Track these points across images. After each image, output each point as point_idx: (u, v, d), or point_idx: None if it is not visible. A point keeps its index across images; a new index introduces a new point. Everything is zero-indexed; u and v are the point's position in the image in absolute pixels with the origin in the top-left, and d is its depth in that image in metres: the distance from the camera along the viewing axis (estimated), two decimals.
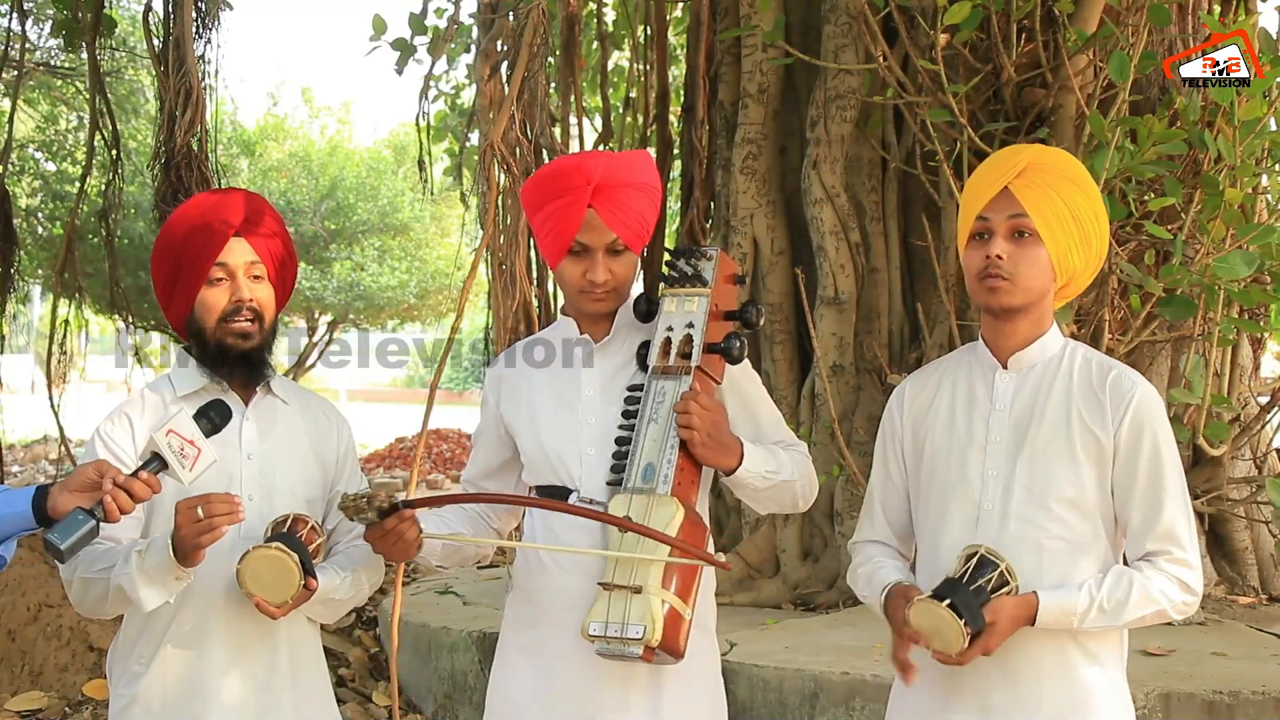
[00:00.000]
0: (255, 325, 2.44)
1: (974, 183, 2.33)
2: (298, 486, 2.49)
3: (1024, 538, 2.23)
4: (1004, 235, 2.24)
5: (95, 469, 2.13)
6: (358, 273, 18.22)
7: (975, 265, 2.27)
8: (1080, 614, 2.17)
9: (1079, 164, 2.34)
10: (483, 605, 5.25)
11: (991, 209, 2.25)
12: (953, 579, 2.16)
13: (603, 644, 2.18)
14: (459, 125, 8.70)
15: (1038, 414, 2.27)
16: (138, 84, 13.14)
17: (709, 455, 2.29)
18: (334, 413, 2.65)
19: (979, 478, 2.29)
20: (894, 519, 2.47)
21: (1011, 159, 2.28)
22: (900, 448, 2.44)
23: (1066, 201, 2.24)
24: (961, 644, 2.11)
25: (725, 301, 2.41)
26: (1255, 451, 5.40)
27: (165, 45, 5.17)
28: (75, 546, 2.06)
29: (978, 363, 2.38)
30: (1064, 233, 2.24)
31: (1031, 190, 2.24)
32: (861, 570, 2.44)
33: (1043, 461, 2.25)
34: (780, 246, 5.61)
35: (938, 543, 2.32)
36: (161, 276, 2.47)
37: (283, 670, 2.45)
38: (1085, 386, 2.27)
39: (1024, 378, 2.31)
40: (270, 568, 2.27)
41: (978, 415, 2.32)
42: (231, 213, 2.45)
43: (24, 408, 12.73)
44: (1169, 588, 2.20)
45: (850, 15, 5.26)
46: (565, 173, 2.37)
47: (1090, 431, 2.23)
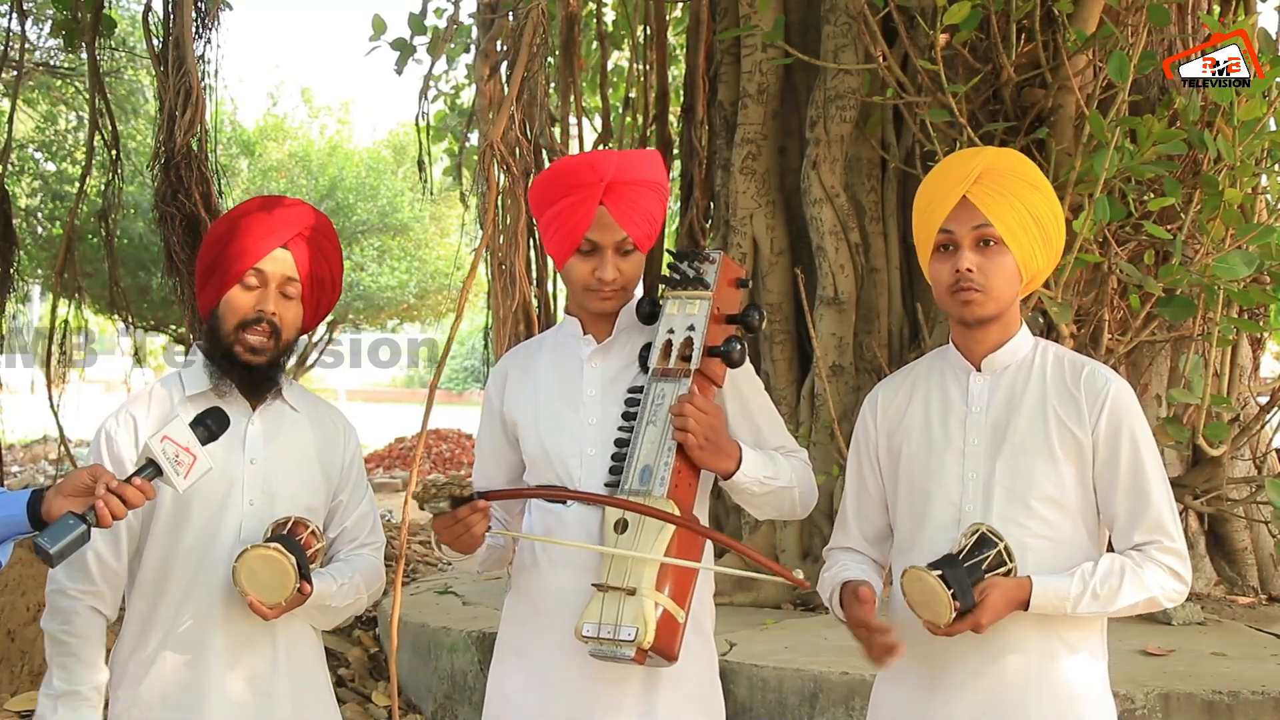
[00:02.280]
0: (270, 341, 2.41)
1: (930, 192, 2.32)
2: (300, 493, 2.48)
3: (1007, 538, 2.23)
4: (970, 246, 2.24)
5: (90, 474, 2.12)
6: (357, 273, 18.21)
7: (945, 279, 2.28)
8: (1074, 598, 2.18)
9: (1031, 164, 2.34)
10: (482, 605, 5.25)
11: (954, 220, 2.25)
12: (950, 554, 2.17)
13: (595, 645, 2.18)
14: (459, 125, 8.70)
15: (1014, 414, 2.28)
16: (137, 84, 13.14)
17: (705, 459, 2.29)
18: (343, 421, 2.64)
19: (958, 481, 2.30)
20: (867, 526, 2.48)
21: (965, 165, 2.28)
22: (875, 454, 2.44)
23: (1026, 205, 2.25)
24: (948, 616, 2.11)
25: (727, 305, 2.40)
26: (1255, 451, 5.40)
27: (165, 45, 5.16)
28: (65, 551, 2.04)
29: (950, 367, 2.39)
30: (1027, 236, 2.25)
31: (991, 197, 2.23)
32: (825, 576, 2.46)
33: (1022, 461, 2.26)
34: (780, 246, 5.61)
35: (915, 546, 2.33)
36: (205, 260, 2.45)
37: (282, 671, 2.45)
38: (1059, 385, 2.28)
39: (997, 379, 2.32)
40: (266, 568, 2.27)
41: (954, 419, 2.33)
42: (287, 225, 2.43)
43: (24, 408, 12.73)
44: (1161, 576, 2.22)
45: (850, 15, 5.26)
46: (577, 170, 2.36)
47: (1067, 429, 2.25)
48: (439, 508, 2.21)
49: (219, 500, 2.40)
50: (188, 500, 2.36)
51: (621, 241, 2.36)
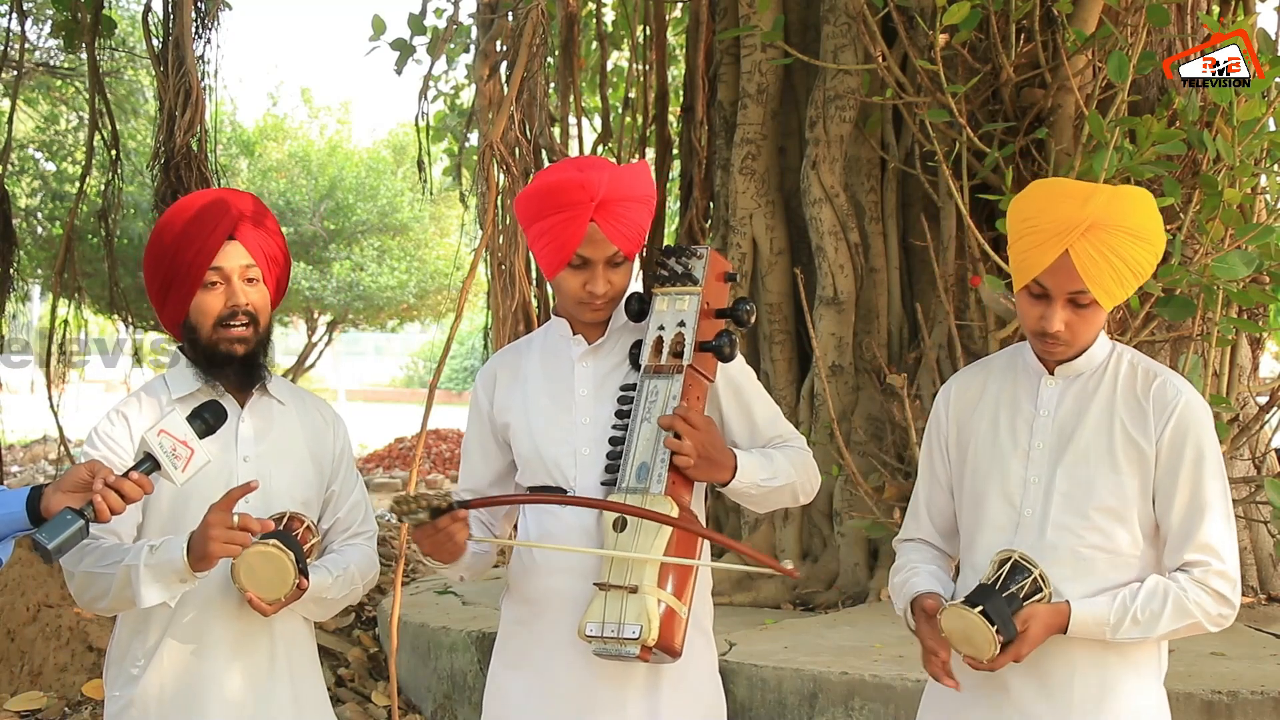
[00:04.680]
0: (251, 330, 2.44)
1: (1033, 223, 2.19)
2: (294, 487, 2.49)
3: (1060, 545, 2.22)
4: (1063, 303, 2.18)
5: (87, 469, 2.12)
6: (357, 273, 18.20)
7: (1032, 324, 2.23)
8: (1113, 624, 2.16)
9: (1143, 205, 2.20)
10: (482, 605, 5.24)
11: (1051, 276, 2.16)
12: (985, 585, 2.15)
13: (600, 644, 2.18)
14: (458, 125, 8.70)
15: (1081, 421, 2.25)
16: (137, 84, 13.13)
17: (700, 474, 2.30)
18: (330, 413, 2.65)
19: (1020, 483, 2.28)
20: (938, 517, 2.46)
21: (1076, 212, 2.14)
22: (945, 445, 2.42)
23: (1127, 262, 2.15)
24: (993, 651, 2.10)
25: (717, 299, 2.41)
26: (1254, 452, 5.40)
27: (165, 45, 5.16)
28: (63, 546, 2.05)
29: (1024, 367, 2.36)
30: (1122, 289, 2.18)
31: (1093, 260, 2.13)
32: (897, 579, 2.43)
33: (1084, 469, 2.23)
34: (779, 247, 5.61)
35: (975, 546, 2.32)
36: (156, 281, 2.46)
37: (280, 668, 2.45)
38: (1129, 393, 2.25)
39: (1069, 384, 2.29)
40: (266, 564, 2.27)
41: (1021, 421, 2.31)
42: (225, 215, 2.43)
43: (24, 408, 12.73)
44: (1204, 600, 2.17)
45: (849, 15, 5.26)
46: (567, 188, 2.33)
47: (1132, 439, 2.22)
48: (418, 519, 2.21)
49: (215, 498, 2.39)
50: (185, 499, 2.36)
51: (612, 255, 2.36)
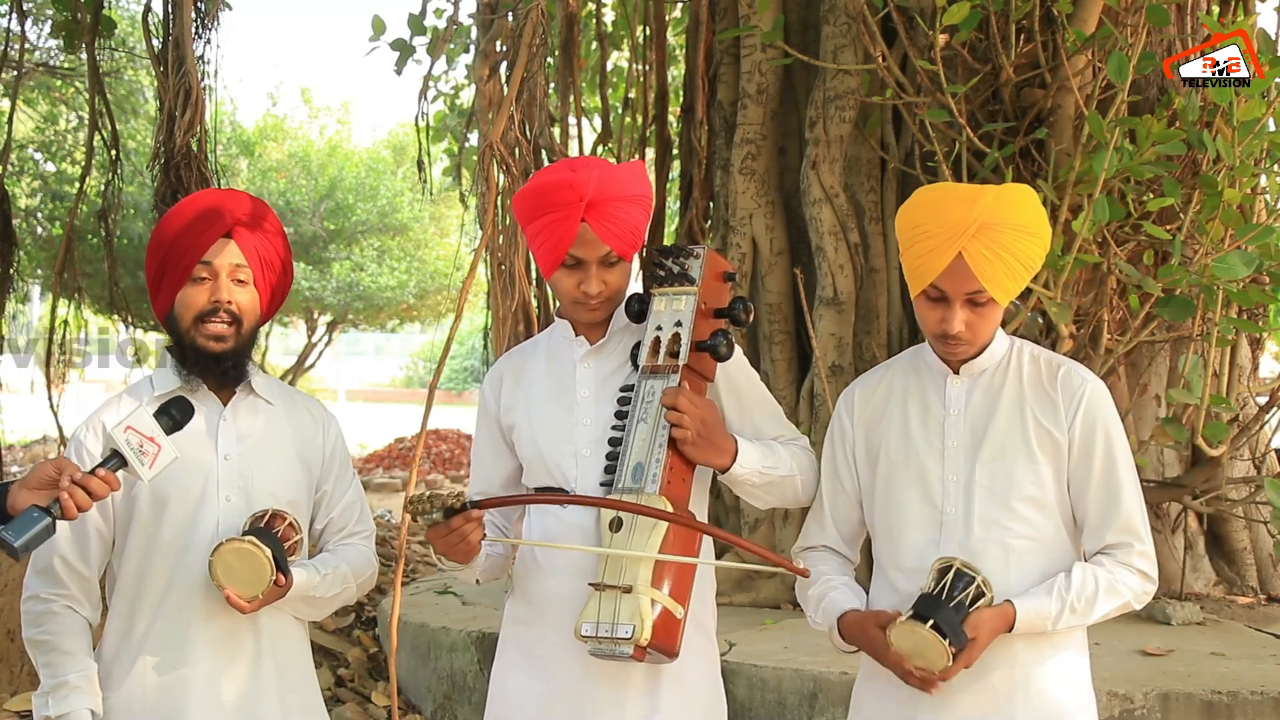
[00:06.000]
0: (231, 329, 2.42)
1: (924, 228, 2.24)
2: (278, 487, 2.46)
3: (989, 539, 2.25)
4: (961, 304, 2.23)
5: (54, 466, 2.12)
6: (357, 273, 18.20)
7: (932, 326, 2.28)
8: (1054, 617, 2.20)
9: (1028, 201, 2.26)
10: (482, 605, 5.24)
11: (947, 280, 2.21)
12: (930, 596, 2.16)
13: (594, 644, 2.19)
14: (458, 125, 8.70)
15: (992, 416, 2.29)
16: (137, 84, 13.13)
17: (699, 454, 2.29)
18: (321, 412, 2.63)
19: (939, 482, 2.31)
20: (843, 524, 2.48)
21: (965, 216, 2.19)
22: (851, 453, 2.44)
23: (1019, 257, 2.21)
24: (946, 663, 2.12)
25: (714, 299, 2.41)
26: (1254, 452, 5.40)
27: (165, 45, 5.16)
28: (30, 544, 2.04)
29: (927, 368, 2.39)
30: (1015, 285, 2.24)
31: (986, 259, 2.18)
32: (812, 591, 2.44)
33: (1002, 462, 2.27)
34: (779, 247, 5.61)
35: (899, 548, 2.33)
36: (152, 270, 2.47)
37: (267, 670, 2.44)
38: (1036, 385, 2.30)
39: (974, 382, 2.33)
40: (242, 561, 2.27)
41: (932, 420, 2.34)
42: (224, 213, 2.44)
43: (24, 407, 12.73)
44: (1132, 579, 2.25)
45: (849, 15, 5.26)
46: (557, 188, 2.34)
47: (1045, 429, 2.26)
48: (433, 519, 2.21)
49: (195, 497, 2.40)
50: (164, 498, 2.36)
51: (605, 255, 2.36)
